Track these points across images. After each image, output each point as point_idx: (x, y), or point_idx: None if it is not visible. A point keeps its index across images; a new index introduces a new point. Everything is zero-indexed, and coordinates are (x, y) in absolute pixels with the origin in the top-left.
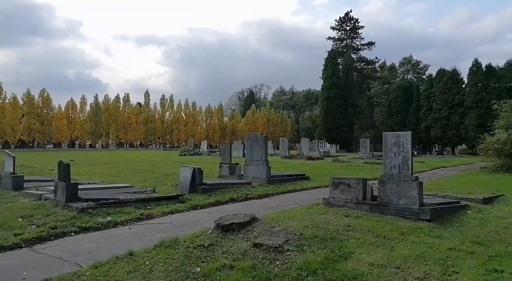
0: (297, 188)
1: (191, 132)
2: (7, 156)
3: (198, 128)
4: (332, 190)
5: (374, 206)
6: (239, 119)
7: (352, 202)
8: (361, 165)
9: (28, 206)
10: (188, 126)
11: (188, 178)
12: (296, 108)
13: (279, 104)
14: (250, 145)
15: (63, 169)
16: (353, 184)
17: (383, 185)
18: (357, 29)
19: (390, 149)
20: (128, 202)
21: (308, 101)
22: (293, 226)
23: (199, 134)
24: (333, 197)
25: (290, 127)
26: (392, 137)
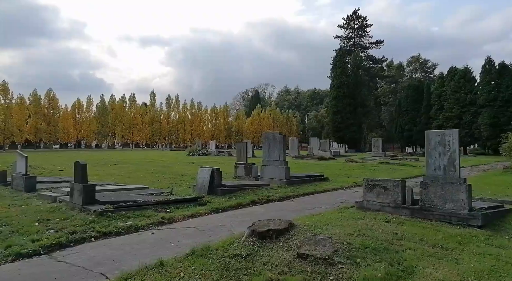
0: (318, 190)
1: (196, 132)
2: (19, 156)
3: (203, 128)
4: (366, 193)
5: (416, 211)
6: (244, 119)
7: (390, 206)
8: (376, 165)
9: (43, 209)
10: (193, 126)
11: (207, 179)
12: (301, 108)
13: (284, 104)
14: (267, 144)
15: (80, 170)
16: (390, 186)
17: (426, 188)
18: (365, 27)
19: (434, 149)
20: (148, 205)
21: (313, 101)
22: (336, 234)
23: (204, 134)
24: (367, 200)
25: (295, 127)
26: (436, 135)
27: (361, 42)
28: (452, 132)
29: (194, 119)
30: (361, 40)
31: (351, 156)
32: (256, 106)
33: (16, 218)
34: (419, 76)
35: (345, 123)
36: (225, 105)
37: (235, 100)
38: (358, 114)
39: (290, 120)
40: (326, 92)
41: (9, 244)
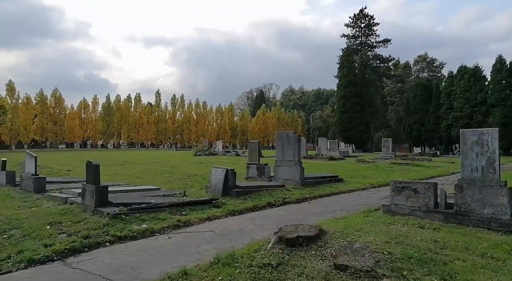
0: (334, 191)
1: (201, 132)
2: (28, 156)
3: (209, 128)
4: (393, 196)
5: (450, 216)
6: (249, 118)
7: (421, 210)
8: (389, 166)
9: (54, 211)
10: (198, 126)
11: (221, 180)
12: (306, 107)
13: (289, 104)
14: (281, 144)
15: (92, 171)
16: (421, 189)
17: (462, 191)
18: (372, 26)
19: (471, 149)
20: (162, 207)
21: (318, 101)
22: (372, 242)
23: (209, 134)
24: (395, 204)
25: (301, 127)
26: (473, 134)
27: (368, 41)
28: (491, 131)
29: (199, 119)
30: (368, 39)
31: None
32: (261, 106)
33: (26, 220)
34: (426, 75)
35: (353, 123)
36: (230, 105)
37: (239, 100)
38: (366, 114)
39: (295, 120)
40: (331, 92)
41: (20, 249)
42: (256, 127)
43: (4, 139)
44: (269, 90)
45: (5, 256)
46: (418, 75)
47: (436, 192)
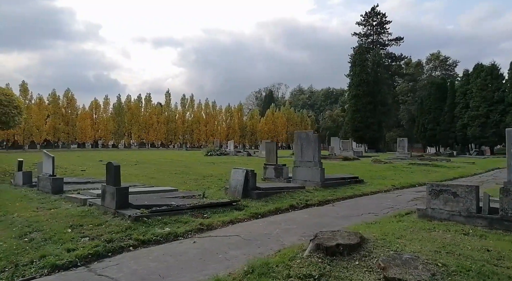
0: (356, 193)
1: (211, 132)
2: (46, 157)
3: (218, 128)
4: (430, 200)
5: (495, 221)
6: (258, 118)
7: (461, 215)
8: (407, 167)
9: (74, 213)
10: (208, 126)
11: (241, 182)
12: (315, 107)
13: (298, 103)
14: (300, 145)
15: (113, 172)
16: (461, 192)
17: (508, 195)
18: (384, 24)
19: None
20: (183, 209)
21: (328, 100)
22: (419, 251)
23: (219, 134)
24: (432, 208)
25: (310, 127)
26: None
27: (380, 39)
28: None
29: (208, 119)
30: (380, 37)
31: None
32: (270, 105)
33: (46, 223)
34: (439, 74)
35: (365, 123)
36: (240, 105)
37: (248, 99)
38: (378, 113)
39: (305, 119)
40: (341, 91)
41: (43, 253)
42: (265, 127)
43: (17, 139)
44: (277, 90)
45: (28, 261)
46: (431, 73)
47: (478, 196)
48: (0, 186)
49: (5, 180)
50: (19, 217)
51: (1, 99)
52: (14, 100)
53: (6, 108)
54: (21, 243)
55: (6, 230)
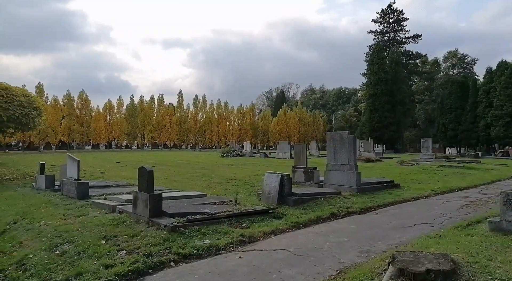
0: (397, 200)
1: (223, 133)
2: (70, 160)
3: (230, 128)
4: (505, 211)
5: None
6: (270, 119)
7: None
8: (438, 169)
9: (105, 222)
10: (220, 126)
11: (276, 187)
12: (327, 107)
13: (309, 103)
14: (333, 146)
15: (146, 177)
16: None
17: None
18: (401, 21)
19: None
20: (220, 218)
21: (340, 100)
22: None
23: (231, 135)
24: (508, 220)
25: (322, 127)
26: None
27: (396, 36)
28: None
29: (220, 120)
30: (397, 35)
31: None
32: (282, 105)
33: (77, 233)
34: (456, 72)
35: (383, 122)
36: (251, 105)
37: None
38: (397, 113)
39: (317, 119)
40: (353, 91)
41: (79, 270)
42: (277, 127)
43: (33, 140)
44: (288, 90)
45: (63, 278)
46: (448, 72)
47: None
48: (22, 190)
49: (26, 184)
50: (47, 226)
51: (21, 100)
52: (34, 101)
53: (26, 109)
54: (53, 256)
55: (35, 241)
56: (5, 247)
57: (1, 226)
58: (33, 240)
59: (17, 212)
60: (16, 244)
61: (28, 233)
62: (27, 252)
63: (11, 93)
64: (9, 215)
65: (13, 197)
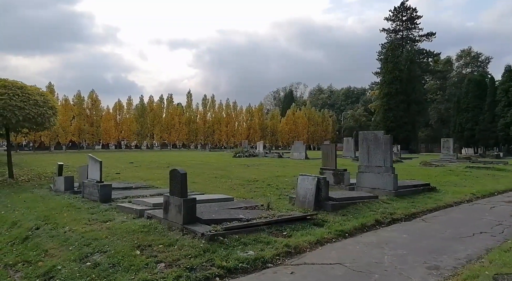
0: (439, 205)
1: (232, 133)
2: (92, 161)
3: (239, 128)
4: None
5: None
6: (279, 118)
7: None
8: (465, 170)
9: (134, 228)
10: (229, 126)
11: (311, 191)
12: (335, 107)
13: (317, 103)
14: (366, 146)
15: (179, 180)
16: None
17: None
18: (415, 19)
19: None
20: (259, 225)
21: (348, 100)
22: None
23: (239, 135)
24: None
25: (331, 127)
26: None
27: (410, 35)
28: None
29: (229, 119)
30: (410, 33)
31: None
32: (291, 105)
33: (107, 241)
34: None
35: (398, 122)
36: (260, 105)
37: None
38: (412, 112)
39: (326, 119)
40: (362, 90)
41: None
42: (286, 127)
43: (43, 140)
44: (296, 89)
45: None
46: (461, 71)
47: None
48: (40, 192)
49: (43, 185)
50: (73, 232)
51: (37, 99)
52: (49, 100)
53: (41, 109)
54: (84, 268)
55: (62, 249)
56: (30, 256)
57: (23, 232)
58: (60, 249)
59: (38, 216)
60: (41, 252)
61: (53, 240)
62: (54, 263)
63: (26, 91)
64: (30, 220)
65: (31, 199)
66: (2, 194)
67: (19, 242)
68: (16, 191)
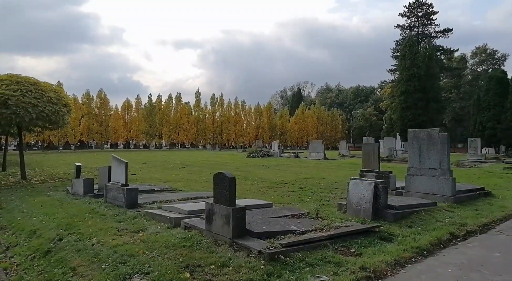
0: (508, 213)
1: (240, 132)
2: (116, 161)
3: (247, 128)
4: None
5: None
6: (288, 118)
7: None
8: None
9: (175, 242)
10: (237, 125)
11: (368, 198)
12: (343, 106)
13: (325, 102)
14: (417, 146)
15: (226, 185)
16: None
17: None
18: (431, 14)
19: None
20: (321, 240)
21: (357, 99)
22: None
23: (248, 134)
24: None
25: (341, 126)
26: None
27: (425, 31)
28: None
29: (238, 119)
30: (426, 29)
31: None
32: (299, 104)
33: (146, 258)
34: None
35: (417, 121)
36: (269, 104)
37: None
38: (430, 110)
39: (335, 118)
40: (371, 89)
41: None
42: (295, 127)
43: (52, 140)
44: (303, 88)
45: None
46: (476, 68)
47: None
48: (56, 195)
49: (58, 187)
50: (102, 245)
51: (51, 96)
52: (63, 97)
53: (55, 106)
54: None
55: (93, 267)
56: (55, 275)
57: (44, 243)
58: (90, 266)
59: (59, 225)
60: (68, 270)
61: (80, 254)
62: None
63: (39, 88)
64: (51, 228)
65: (48, 203)
66: (16, 197)
67: (41, 255)
68: (30, 194)
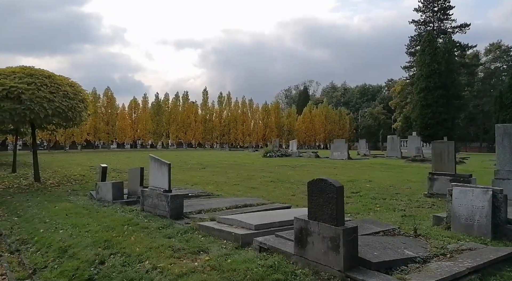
0: None
1: (248, 131)
2: (156, 163)
3: (255, 127)
4: None
5: None
6: (295, 117)
7: None
8: None
9: (261, 273)
10: (245, 124)
11: (485, 211)
12: (350, 104)
13: (331, 101)
14: (508, 144)
15: (333, 198)
16: None
17: None
18: (448, 9)
19: None
20: (465, 275)
21: (364, 97)
22: None
23: (255, 133)
24: None
25: (348, 125)
26: None
27: (442, 26)
28: None
29: (245, 117)
30: (443, 24)
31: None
32: (306, 103)
33: None
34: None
35: (437, 119)
36: (276, 103)
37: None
38: (452, 108)
39: (343, 117)
40: (378, 88)
41: None
42: (302, 126)
43: (59, 139)
44: (308, 87)
45: None
46: (489, 66)
47: None
48: (79, 201)
49: (78, 191)
50: (161, 273)
51: (67, 90)
52: (80, 92)
53: (72, 101)
54: None
55: None
56: None
57: (83, 268)
58: None
59: (95, 241)
60: None
61: None
62: None
63: (55, 81)
64: (86, 246)
65: (73, 211)
66: (34, 203)
67: None
68: (49, 200)
